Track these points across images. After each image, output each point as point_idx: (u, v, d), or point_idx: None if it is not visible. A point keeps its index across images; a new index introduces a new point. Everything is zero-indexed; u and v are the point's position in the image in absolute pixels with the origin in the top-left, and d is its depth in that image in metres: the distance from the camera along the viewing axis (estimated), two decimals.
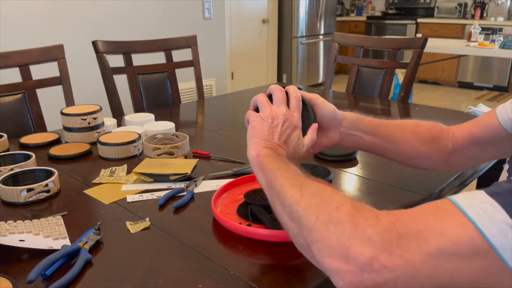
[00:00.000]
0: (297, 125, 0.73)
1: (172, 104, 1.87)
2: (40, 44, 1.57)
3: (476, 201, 0.43)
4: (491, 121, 0.76)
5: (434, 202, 0.46)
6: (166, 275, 0.65)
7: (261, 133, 0.70)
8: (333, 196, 0.51)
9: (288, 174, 0.60)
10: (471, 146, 0.80)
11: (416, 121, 0.86)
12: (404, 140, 0.83)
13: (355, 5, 7.09)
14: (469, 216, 0.42)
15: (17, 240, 0.71)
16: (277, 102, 0.73)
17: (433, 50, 3.90)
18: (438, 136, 0.83)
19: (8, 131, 1.37)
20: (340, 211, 0.48)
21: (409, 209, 0.47)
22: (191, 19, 3.29)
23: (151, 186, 0.96)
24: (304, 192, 0.54)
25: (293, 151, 0.72)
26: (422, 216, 0.45)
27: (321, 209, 0.50)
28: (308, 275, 0.65)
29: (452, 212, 0.43)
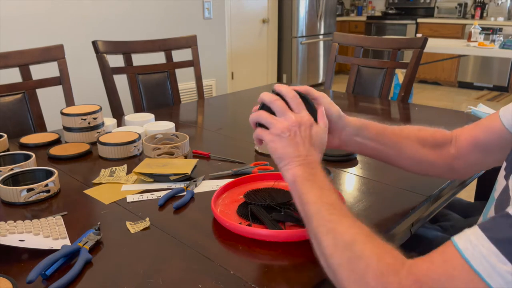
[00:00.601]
0: (310, 122, 0.70)
1: (172, 104, 1.87)
2: (40, 44, 1.57)
3: (481, 251, 0.46)
4: (495, 124, 0.75)
5: (442, 253, 0.50)
6: (166, 275, 0.65)
7: (286, 152, 0.67)
8: (363, 252, 0.54)
9: (323, 212, 0.61)
10: (475, 151, 0.79)
11: (419, 127, 0.85)
12: (408, 146, 0.82)
13: (355, 5, 7.08)
14: (476, 271, 0.46)
15: (17, 240, 0.71)
16: (280, 112, 0.70)
17: (433, 50, 3.90)
18: (442, 141, 0.82)
19: (8, 131, 1.37)
20: (368, 274, 0.52)
21: (423, 263, 0.50)
22: (191, 19, 3.29)
23: (151, 186, 0.96)
24: (338, 242, 0.57)
25: (321, 147, 0.70)
26: (435, 275, 0.49)
27: (352, 268, 0.54)
28: (308, 275, 0.65)
29: (460, 267, 0.47)
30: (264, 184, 0.93)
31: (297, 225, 0.77)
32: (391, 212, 0.84)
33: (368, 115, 1.59)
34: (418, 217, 0.87)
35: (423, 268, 0.50)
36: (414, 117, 1.62)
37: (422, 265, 0.50)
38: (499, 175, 0.65)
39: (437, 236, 1.06)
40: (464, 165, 0.82)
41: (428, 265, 0.50)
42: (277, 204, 0.82)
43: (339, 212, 0.60)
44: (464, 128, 0.83)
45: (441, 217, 1.18)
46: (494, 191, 0.66)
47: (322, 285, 0.64)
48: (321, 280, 0.64)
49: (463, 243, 0.48)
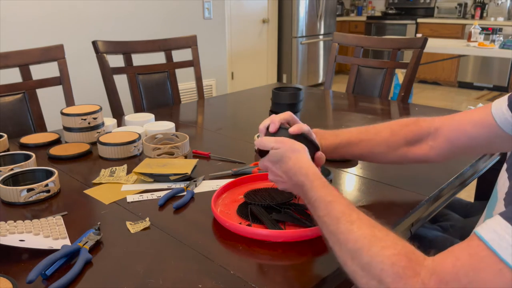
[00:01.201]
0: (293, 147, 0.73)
1: (172, 104, 1.87)
2: (40, 44, 1.57)
3: (507, 239, 0.45)
4: (487, 119, 0.75)
5: (465, 246, 0.49)
6: (166, 275, 0.65)
7: (290, 187, 0.74)
8: (372, 259, 0.53)
9: (324, 227, 0.63)
10: (459, 143, 0.80)
11: (393, 128, 0.87)
12: (374, 156, 0.89)
13: (355, 5, 7.08)
14: (504, 260, 0.45)
15: (17, 240, 0.71)
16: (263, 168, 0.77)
17: (433, 50, 3.90)
18: (416, 139, 0.85)
19: (8, 131, 1.37)
20: (385, 279, 0.51)
21: (446, 259, 0.49)
22: (191, 19, 3.29)
23: (151, 186, 0.96)
24: (344, 253, 0.57)
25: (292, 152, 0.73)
26: (462, 270, 0.47)
27: (367, 275, 0.54)
28: (308, 275, 0.65)
29: (487, 258, 0.46)
30: (264, 184, 0.93)
31: (297, 225, 0.77)
32: (391, 212, 0.84)
33: (368, 115, 1.59)
34: (418, 217, 0.87)
35: (448, 265, 0.48)
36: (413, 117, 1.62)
37: (446, 262, 0.49)
38: (500, 176, 0.65)
39: (437, 236, 1.06)
40: (441, 155, 0.84)
41: (452, 261, 0.48)
42: (277, 204, 0.82)
43: (333, 221, 0.61)
44: (447, 118, 0.83)
45: (441, 217, 1.18)
46: (497, 192, 0.66)
47: (322, 285, 0.64)
48: (321, 280, 0.64)
49: (489, 234, 0.47)
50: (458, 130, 0.80)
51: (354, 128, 0.90)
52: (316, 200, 0.64)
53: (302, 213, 0.80)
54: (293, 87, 1.25)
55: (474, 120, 0.78)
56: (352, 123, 1.46)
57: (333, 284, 0.66)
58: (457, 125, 0.80)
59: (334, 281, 0.66)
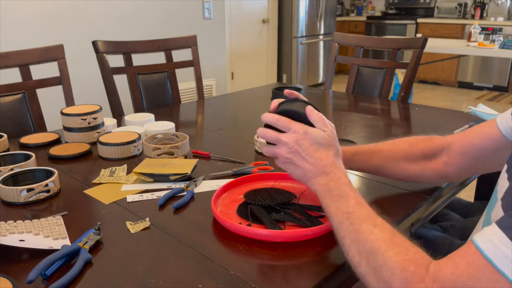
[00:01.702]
0: (303, 131, 0.70)
1: (172, 104, 1.88)
2: (40, 44, 1.57)
3: (502, 250, 0.47)
4: (492, 131, 0.76)
5: (464, 255, 0.51)
6: (166, 275, 0.65)
7: (299, 173, 0.71)
8: (385, 261, 0.56)
9: (344, 221, 0.63)
10: (469, 157, 0.82)
11: (411, 141, 0.88)
12: (395, 167, 0.88)
13: (355, 5, 7.09)
14: (501, 270, 0.47)
15: (17, 240, 0.71)
16: (275, 141, 0.72)
17: (433, 50, 3.90)
18: (432, 153, 0.86)
19: (8, 131, 1.37)
20: (393, 282, 0.54)
21: (446, 266, 0.51)
22: (191, 19, 3.29)
23: (151, 186, 0.96)
24: (361, 252, 0.59)
25: (327, 144, 0.70)
26: (461, 279, 0.50)
27: (378, 277, 0.56)
28: (308, 275, 0.65)
29: (484, 268, 0.48)
30: (264, 184, 0.93)
31: (297, 225, 0.77)
32: (391, 212, 0.84)
33: (368, 115, 1.59)
34: (418, 217, 0.87)
35: (448, 272, 0.51)
36: (414, 117, 1.62)
37: (446, 269, 0.51)
38: (500, 177, 0.65)
39: (437, 236, 1.06)
40: (457, 171, 0.85)
41: (452, 269, 0.51)
42: (277, 204, 0.82)
43: (359, 220, 0.62)
44: (458, 135, 0.85)
45: (441, 217, 1.18)
46: (497, 192, 0.66)
47: (323, 285, 0.64)
48: (321, 280, 0.64)
49: (484, 244, 0.49)
50: (467, 144, 0.82)
51: (370, 143, 0.91)
52: (348, 196, 0.66)
53: (302, 213, 0.80)
54: (293, 87, 1.25)
55: (481, 132, 0.80)
56: (352, 123, 1.46)
57: (333, 284, 0.66)
58: (466, 139, 0.82)
59: (334, 281, 0.66)
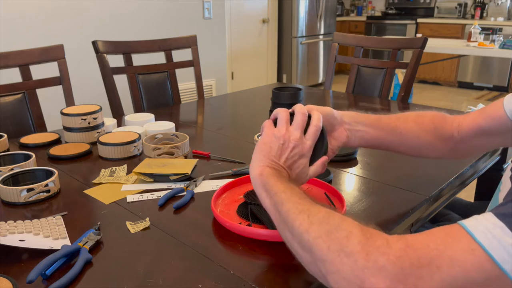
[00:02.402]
0: (306, 154, 0.71)
1: (172, 104, 1.88)
2: (40, 44, 1.57)
3: (486, 225, 0.43)
4: (498, 112, 0.77)
5: (444, 227, 0.47)
6: (166, 275, 0.65)
7: (269, 152, 0.69)
8: (342, 223, 0.50)
9: (294, 198, 0.58)
10: (477, 136, 0.82)
11: (417, 112, 0.87)
12: (408, 130, 0.84)
13: (355, 5, 7.09)
14: (479, 241, 0.42)
15: (17, 240, 0.71)
16: (295, 125, 0.71)
17: (433, 50, 3.90)
18: (441, 125, 0.85)
19: (8, 131, 1.37)
20: (350, 240, 0.48)
21: (420, 234, 0.47)
22: (191, 19, 3.29)
23: (151, 186, 0.96)
24: (312, 219, 0.53)
25: (296, 178, 0.71)
26: (433, 242, 0.45)
27: (332, 238, 0.49)
28: (308, 275, 0.65)
29: (462, 237, 0.44)
30: None
31: None
32: (391, 212, 0.84)
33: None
34: (418, 217, 0.87)
35: (420, 237, 0.46)
36: None
37: (419, 235, 0.47)
38: (504, 176, 0.65)
39: None
40: (466, 148, 0.85)
41: (426, 234, 0.47)
42: None
43: (310, 201, 0.58)
44: (467, 115, 0.85)
45: (441, 217, 1.18)
46: (499, 192, 0.66)
47: (322, 285, 0.64)
48: None
49: (468, 221, 0.46)
50: (475, 125, 0.82)
51: None
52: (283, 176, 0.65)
53: None
54: (293, 87, 1.25)
55: (486, 114, 0.81)
56: None
57: None
58: (473, 121, 0.83)
59: None
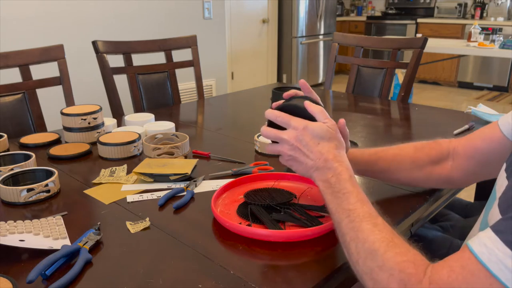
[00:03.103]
0: (302, 127, 0.69)
1: (172, 104, 1.88)
2: (40, 44, 1.57)
3: (496, 253, 0.47)
4: (494, 133, 0.76)
5: (459, 259, 0.51)
6: (166, 275, 0.65)
7: (302, 169, 0.71)
8: (384, 262, 0.56)
9: (344, 219, 0.63)
10: (474, 161, 0.81)
11: (416, 146, 0.87)
12: (400, 170, 0.87)
13: (355, 5, 7.09)
14: (494, 275, 0.47)
15: (17, 240, 0.71)
16: (276, 139, 0.72)
17: (433, 50, 3.90)
18: (438, 157, 0.85)
19: (8, 131, 1.37)
20: (391, 284, 0.54)
21: (442, 269, 0.52)
22: (191, 19, 3.29)
23: (151, 186, 0.96)
24: (360, 251, 0.59)
25: (328, 137, 0.69)
26: (456, 282, 0.50)
27: (375, 278, 0.56)
28: (308, 275, 0.65)
29: (478, 272, 0.49)
30: (264, 184, 0.93)
31: (297, 225, 0.77)
32: (391, 212, 0.84)
33: (368, 115, 1.59)
34: (418, 217, 0.87)
35: (444, 276, 0.51)
36: (414, 117, 1.62)
37: (442, 272, 0.51)
38: (499, 176, 0.65)
39: (437, 236, 1.06)
40: (462, 175, 0.84)
41: (447, 272, 0.51)
42: (277, 204, 0.82)
43: (359, 218, 0.61)
44: (462, 138, 0.84)
45: (441, 217, 1.18)
46: (495, 191, 0.66)
47: (322, 285, 0.64)
48: (321, 280, 0.64)
49: (478, 247, 0.49)
50: (471, 147, 0.81)
51: (375, 147, 0.90)
52: (349, 193, 0.65)
53: (302, 213, 0.80)
54: (293, 87, 1.25)
55: (483, 135, 0.79)
56: (352, 123, 1.46)
57: (333, 284, 0.66)
58: (469, 142, 0.82)
59: (335, 281, 0.66)
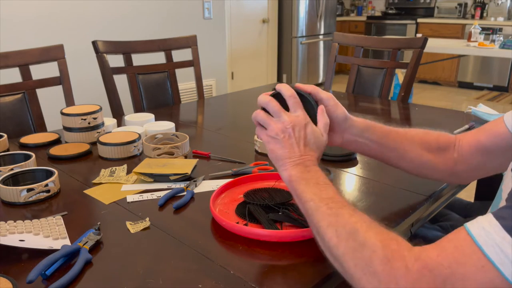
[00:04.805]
0: (305, 122, 0.70)
1: (172, 104, 1.88)
2: (40, 44, 1.57)
3: (494, 237, 0.46)
4: (499, 128, 0.75)
5: (453, 238, 0.50)
6: (166, 275, 0.65)
7: (282, 154, 0.68)
8: (366, 241, 0.54)
9: (322, 207, 0.61)
10: (477, 155, 0.80)
11: (425, 130, 0.86)
12: (411, 149, 0.83)
13: (355, 5, 7.08)
14: (489, 257, 0.45)
15: (17, 240, 0.71)
16: (275, 114, 0.71)
17: (433, 50, 3.90)
18: (445, 145, 0.83)
19: (8, 131, 1.37)
20: (374, 261, 0.53)
21: (432, 248, 0.51)
22: (191, 19, 3.29)
23: (151, 186, 0.96)
24: (340, 233, 0.57)
25: (317, 146, 0.70)
26: (445, 260, 0.49)
27: (357, 256, 0.55)
28: (308, 275, 0.65)
29: (471, 253, 0.47)
30: (264, 184, 0.93)
31: (294, 226, 0.77)
32: (391, 212, 0.84)
33: (368, 115, 1.59)
34: (418, 217, 0.87)
35: (433, 254, 0.50)
36: (414, 117, 1.62)
37: (432, 251, 0.50)
38: (505, 176, 0.65)
39: (437, 236, 1.06)
40: (466, 169, 0.82)
41: (438, 251, 0.50)
42: (276, 204, 0.82)
43: (338, 205, 0.61)
44: (466, 134, 0.83)
45: (441, 217, 1.18)
46: (501, 191, 0.66)
47: (322, 285, 0.64)
48: (321, 280, 0.64)
49: (476, 230, 0.48)
50: (474, 141, 0.80)
51: None
52: (328, 185, 0.65)
53: (300, 213, 0.79)
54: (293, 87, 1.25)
55: (488, 130, 0.78)
56: None
57: (333, 283, 0.66)
58: (474, 137, 0.81)
59: (334, 281, 0.66)
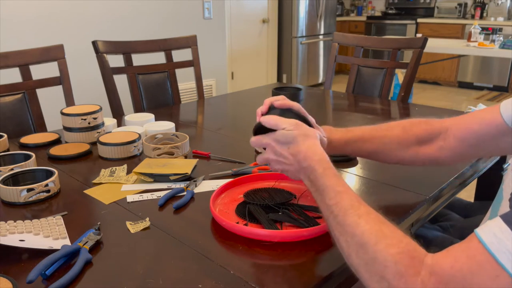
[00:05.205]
0: (299, 134, 0.71)
1: (172, 104, 1.87)
2: (40, 44, 1.57)
3: (506, 244, 0.45)
4: (494, 117, 0.74)
5: (464, 248, 0.49)
6: (166, 275, 0.65)
7: (292, 173, 0.72)
8: (376, 256, 0.54)
9: (330, 217, 0.62)
10: (465, 145, 0.80)
11: (405, 126, 0.86)
12: (387, 152, 0.86)
13: (355, 5, 7.08)
14: (503, 266, 0.45)
15: (17, 240, 0.71)
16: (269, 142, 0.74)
17: (433, 50, 3.90)
18: (426, 138, 0.84)
19: (8, 131, 1.37)
20: (386, 275, 0.52)
21: (445, 258, 0.50)
22: (191, 19, 3.29)
23: (151, 186, 0.96)
24: (351, 244, 0.57)
25: (302, 137, 0.71)
26: (460, 273, 0.48)
27: (370, 270, 0.55)
28: (308, 275, 0.65)
29: (485, 263, 0.46)
30: (264, 184, 0.93)
31: (294, 226, 0.77)
32: (391, 212, 0.84)
33: (368, 115, 1.59)
34: (418, 217, 0.87)
35: (447, 266, 0.49)
36: (414, 117, 1.62)
37: (445, 262, 0.49)
38: (506, 175, 0.65)
39: (437, 236, 1.06)
40: (451, 156, 0.83)
41: (451, 263, 0.49)
42: (276, 204, 0.82)
43: (342, 212, 0.61)
44: (457, 119, 0.83)
45: (441, 217, 1.18)
46: (502, 190, 0.66)
47: (322, 285, 0.64)
48: (321, 280, 0.64)
49: (488, 237, 0.47)
50: (466, 129, 0.79)
51: (365, 126, 0.89)
52: (327, 188, 0.64)
53: (300, 213, 0.80)
54: (293, 87, 1.25)
55: (482, 119, 0.78)
56: (352, 123, 1.46)
57: (333, 284, 0.66)
58: (465, 124, 0.80)
59: (334, 281, 0.66)
